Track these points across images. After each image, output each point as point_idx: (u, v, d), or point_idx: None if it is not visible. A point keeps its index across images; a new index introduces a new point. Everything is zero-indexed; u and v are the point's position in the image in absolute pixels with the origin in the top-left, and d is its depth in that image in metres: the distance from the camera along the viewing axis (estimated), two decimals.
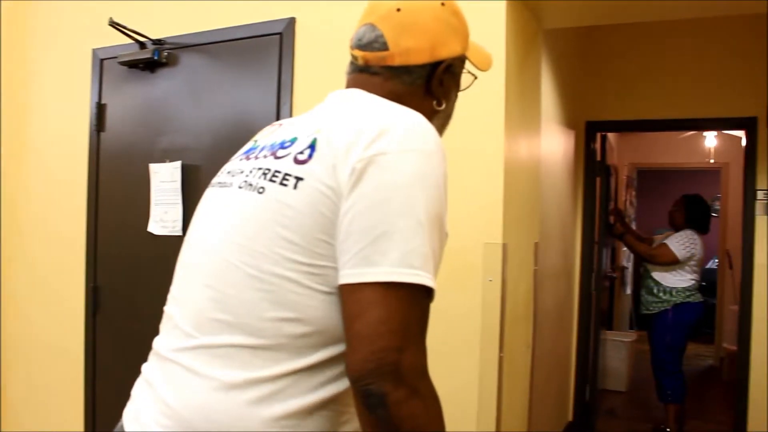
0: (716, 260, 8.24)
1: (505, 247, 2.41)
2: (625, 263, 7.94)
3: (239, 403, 1.01)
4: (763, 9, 3.35)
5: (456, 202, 2.39)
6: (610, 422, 5.28)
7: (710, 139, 7.68)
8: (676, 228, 5.00)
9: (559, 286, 4.28)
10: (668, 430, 4.78)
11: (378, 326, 0.94)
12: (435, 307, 1.04)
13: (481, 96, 2.39)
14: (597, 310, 5.05)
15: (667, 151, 8.07)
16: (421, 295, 0.98)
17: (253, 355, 1.03)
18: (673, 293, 4.84)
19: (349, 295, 0.98)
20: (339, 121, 1.09)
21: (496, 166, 2.42)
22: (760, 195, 4.48)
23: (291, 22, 2.80)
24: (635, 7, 2.85)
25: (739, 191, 4.97)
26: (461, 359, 2.45)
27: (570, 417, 4.91)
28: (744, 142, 4.69)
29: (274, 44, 2.83)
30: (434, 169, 1.02)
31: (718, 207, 8.12)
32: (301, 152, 1.07)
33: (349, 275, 0.98)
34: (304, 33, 2.79)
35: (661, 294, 4.87)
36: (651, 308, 4.94)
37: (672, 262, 4.83)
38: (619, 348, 6.02)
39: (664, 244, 4.91)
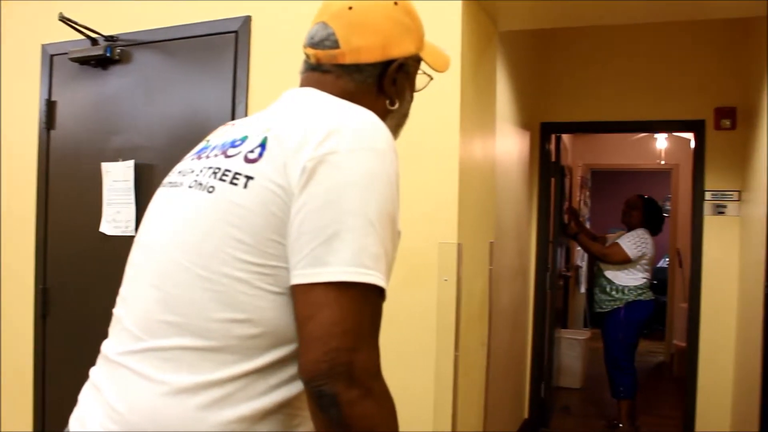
0: (667, 259, 8.42)
1: (460, 246, 2.43)
2: (579, 262, 8.06)
3: (189, 407, 0.99)
4: (712, 15, 3.44)
5: (411, 202, 2.41)
6: (565, 419, 5.35)
7: (661, 141, 7.85)
8: (630, 227, 5.09)
9: (514, 286, 4.33)
10: (620, 425, 4.87)
11: (331, 327, 0.93)
12: (390, 307, 1.04)
13: (437, 96, 2.40)
14: (552, 308, 5.13)
15: (619, 152, 8.23)
16: (374, 294, 0.98)
17: (202, 358, 1.01)
18: (625, 291, 4.93)
19: (301, 295, 0.97)
20: (290, 120, 1.08)
21: (451, 166, 2.44)
22: (708, 196, 4.60)
23: (247, 21, 2.78)
24: (589, 11, 2.90)
25: (688, 192, 5.11)
26: (417, 359, 2.45)
27: (526, 414, 4.96)
28: (693, 145, 4.81)
29: (229, 43, 2.81)
30: (386, 168, 1.02)
31: (668, 207, 8.30)
32: (252, 151, 1.06)
33: (301, 275, 0.97)
34: (260, 32, 2.77)
35: (613, 292, 4.95)
36: (604, 306, 5.02)
37: (624, 261, 4.92)
38: (574, 346, 6.11)
39: (617, 244, 4.99)
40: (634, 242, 4.95)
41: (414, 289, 2.45)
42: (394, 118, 1.28)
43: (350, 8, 1.21)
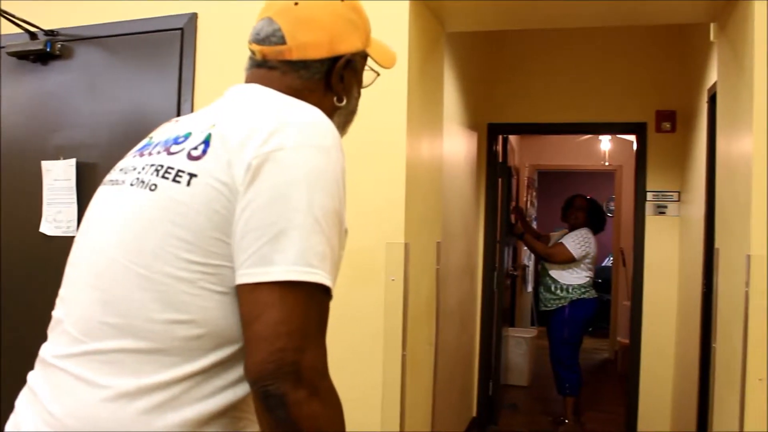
0: (611, 258, 8.60)
1: (407, 246, 2.44)
2: (526, 262, 8.17)
3: (130, 412, 0.97)
4: (654, 21, 3.53)
5: (358, 201, 2.41)
6: (512, 416, 5.42)
7: (605, 143, 8.02)
8: (573, 227, 5.16)
9: (462, 285, 4.36)
10: (566, 421, 4.96)
11: (277, 327, 0.92)
12: (338, 307, 1.04)
13: (384, 96, 2.41)
14: (499, 307, 5.18)
15: (565, 153, 8.39)
16: (320, 293, 0.97)
17: (143, 360, 0.99)
18: (570, 290, 5.00)
19: (246, 295, 0.96)
20: (234, 116, 1.07)
21: (398, 167, 2.44)
22: (649, 196, 4.72)
23: (192, 18, 2.75)
24: (535, 14, 2.94)
25: (631, 192, 5.21)
26: (364, 359, 2.46)
27: (474, 413, 5.01)
28: (635, 146, 4.93)
29: (175, 40, 2.77)
30: (332, 165, 1.01)
31: (612, 207, 8.49)
32: (195, 148, 1.05)
33: (247, 275, 0.96)
34: (206, 29, 2.74)
35: (558, 291, 5.03)
36: (549, 305, 5.09)
37: (568, 261, 4.99)
38: (521, 344, 6.20)
39: (561, 244, 5.07)
40: (577, 242, 5.02)
41: (361, 289, 2.45)
42: (342, 115, 1.27)
43: (296, 4, 1.20)
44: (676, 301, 4.63)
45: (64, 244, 1.36)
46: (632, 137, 5.28)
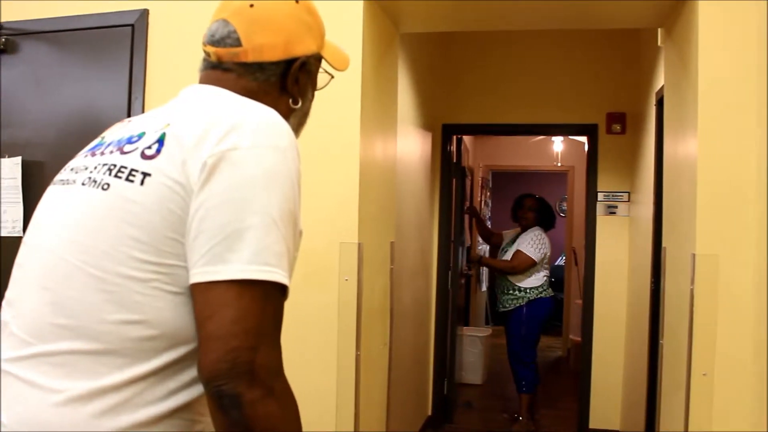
0: (563, 257, 8.74)
1: (360, 246, 2.44)
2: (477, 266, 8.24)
3: (83, 416, 0.95)
4: (606, 25, 3.60)
5: (312, 202, 2.40)
6: (467, 414, 5.47)
7: (557, 144, 8.14)
8: (525, 227, 5.19)
9: (416, 285, 4.38)
10: (520, 418, 5.01)
11: (231, 326, 0.92)
12: (291, 307, 1.03)
13: (337, 96, 2.40)
14: (454, 306, 5.22)
15: (519, 154, 8.49)
16: (276, 293, 0.97)
17: (95, 362, 0.97)
18: (527, 290, 5.03)
19: (200, 294, 0.95)
20: (189, 116, 1.06)
21: (351, 167, 2.45)
22: (600, 197, 4.81)
23: (144, 14, 2.70)
24: (489, 15, 2.97)
25: (583, 193, 5.30)
26: (319, 358, 2.45)
27: (429, 411, 5.04)
28: (586, 148, 5.01)
29: (125, 36, 2.72)
30: (288, 166, 1.01)
31: (565, 207, 8.62)
32: (149, 147, 1.04)
33: (201, 274, 0.95)
34: (158, 26, 2.70)
35: (516, 292, 5.05)
36: (507, 305, 5.11)
37: (532, 266, 5.02)
38: (475, 343, 6.25)
39: (520, 252, 5.04)
40: (534, 245, 5.04)
41: (315, 289, 2.44)
42: (296, 117, 1.27)
43: (251, 6, 1.19)
44: (626, 299, 4.73)
45: (10, 244, 1.33)
46: (584, 138, 5.37)
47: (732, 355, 2.20)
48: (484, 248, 8.28)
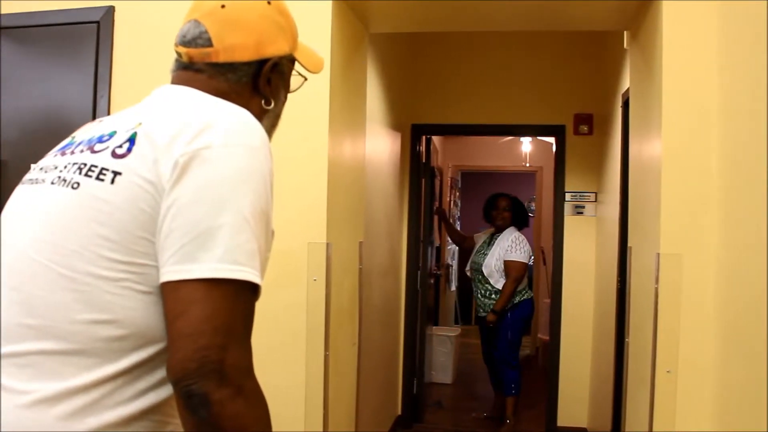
0: (532, 257, 8.79)
1: (329, 246, 2.44)
2: (449, 261, 8.28)
3: (49, 418, 0.94)
4: (573, 27, 3.64)
5: (280, 202, 2.37)
6: (437, 413, 5.49)
7: (526, 145, 8.21)
8: (501, 228, 5.12)
9: (385, 284, 4.39)
10: (508, 421, 4.96)
11: (201, 324, 0.91)
12: (260, 307, 1.03)
13: (306, 96, 2.38)
14: (423, 306, 5.23)
15: (488, 154, 8.54)
16: (247, 292, 0.97)
17: (64, 363, 0.96)
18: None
19: (171, 293, 0.95)
20: (161, 115, 1.06)
21: (320, 167, 2.44)
22: (568, 197, 4.87)
23: (109, 11, 2.67)
24: (458, 16, 2.98)
25: (551, 193, 5.35)
26: (287, 359, 2.44)
27: (399, 411, 5.05)
28: (554, 148, 5.06)
29: (90, 33, 2.69)
30: (260, 165, 1.01)
31: (534, 207, 8.69)
32: (120, 146, 1.03)
33: (171, 272, 0.95)
34: (124, 23, 2.67)
35: (497, 297, 4.96)
36: (488, 311, 5.00)
37: (526, 270, 4.98)
38: (445, 342, 6.28)
39: (510, 263, 4.94)
40: (521, 248, 4.98)
41: (283, 290, 2.44)
42: (269, 119, 1.27)
43: (223, 6, 1.19)
44: (593, 298, 4.79)
45: None
46: (552, 139, 5.42)
47: (695, 353, 2.24)
48: (453, 248, 8.32)
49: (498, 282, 4.97)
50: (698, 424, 2.21)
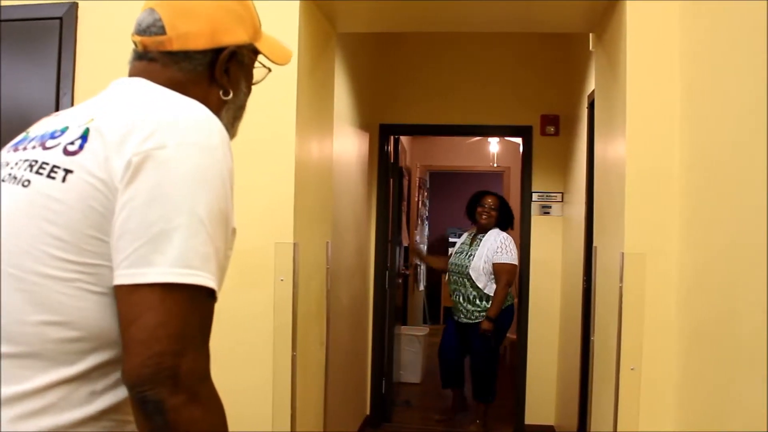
0: None
1: (296, 246, 2.43)
2: (417, 261, 8.30)
3: (4, 421, 0.92)
4: (540, 29, 3.67)
5: (247, 201, 2.36)
6: (406, 413, 5.49)
7: (494, 145, 8.26)
8: (485, 227, 4.90)
9: (353, 284, 4.38)
10: (483, 427, 4.94)
11: (155, 330, 0.90)
12: (226, 308, 1.02)
13: (273, 95, 2.39)
14: (391, 305, 5.24)
15: (456, 154, 8.58)
16: (202, 296, 0.95)
17: (16, 365, 0.94)
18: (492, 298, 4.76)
19: (124, 296, 0.93)
20: (115, 111, 1.03)
21: (287, 166, 2.43)
22: (535, 197, 4.91)
23: (72, 7, 2.63)
24: (426, 16, 3.00)
25: (518, 193, 5.38)
26: (254, 359, 2.43)
27: (367, 410, 5.05)
28: (521, 149, 5.10)
29: (53, 29, 2.64)
30: (217, 164, 0.99)
31: None
32: (72, 143, 1.00)
33: (125, 275, 0.92)
34: (87, 19, 2.63)
35: (483, 302, 4.75)
36: (473, 318, 4.79)
37: (516, 274, 4.82)
38: (413, 342, 6.29)
39: (504, 264, 4.74)
40: (511, 250, 4.78)
41: (250, 290, 2.42)
42: (230, 111, 1.24)
43: None
44: (559, 297, 4.84)
45: None
46: (519, 140, 5.46)
47: (658, 350, 2.27)
48: (422, 248, 8.33)
49: (487, 286, 4.74)
50: (662, 423, 2.25)
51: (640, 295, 2.30)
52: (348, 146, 4.05)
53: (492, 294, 4.71)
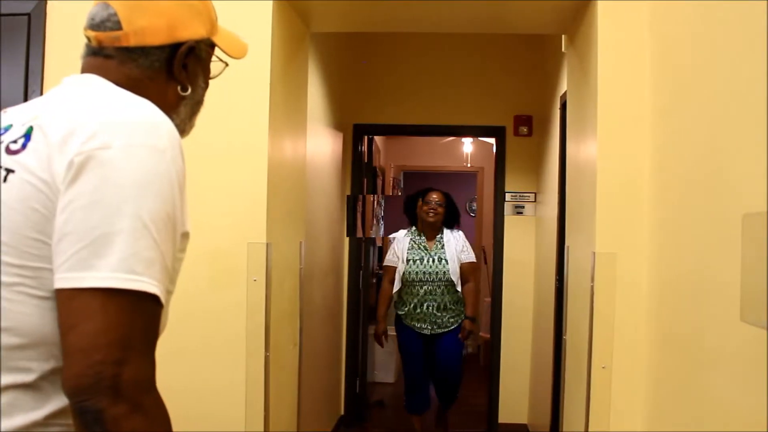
0: None
1: (269, 246, 2.41)
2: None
3: None
4: (514, 30, 3.69)
5: (219, 201, 2.37)
6: (380, 412, 5.50)
7: (467, 145, 8.29)
8: (432, 225, 4.49)
9: (327, 284, 4.37)
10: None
11: (95, 338, 0.87)
12: (199, 308, 1.01)
13: (246, 95, 2.38)
14: (365, 305, 5.24)
15: (429, 154, 8.60)
16: (146, 302, 0.92)
17: None
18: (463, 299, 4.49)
19: (64, 302, 0.90)
20: (59, 109, 1.00)
21: (259, 166, 2.41)
22: (508, 197, 4.94)
23: (41, 3, 2.59)
24: (400, 17, 3.00)
25: (492, 193, 5.41)
26: (227, 360, 2.41)
27: (342, 410, 5.05)
28: (495, 149, 5.13)
29: (21, 26, 2.60)
30: (165, 167, 0.96)
31: (475, 207, 8.79)
32: (14, 141, 0.98)
33: (64, 279, 0.89)
34: (56, 16, 2.59)
35: (458, 305, 4.45)
36: (448, 325, 4.44)
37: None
38: (387, 341, 6.27)
39: (472, 263, 4.49)
40: (466, 246, 4.53)
41: (223, 290, 2.40)
42: (188, 106, 1.21)
43: None
44: (532, 297, 4.87)
45: None
46: (492, 140, 5.49)
47: (628, 349, 2.30)
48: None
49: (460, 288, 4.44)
50: (632, 422, 2.27)
51: (611, 294, 2.32)
52: (322, 146, 4.04)
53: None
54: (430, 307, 4.44)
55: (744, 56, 1.53)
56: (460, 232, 4.60)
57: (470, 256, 4.50)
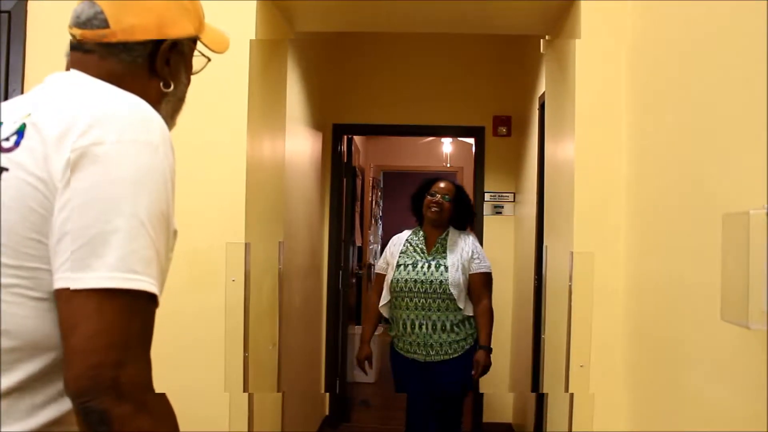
0: None
1: (248, 246, 2.40)
2: (372, 261, 8.29)
3: None
4: (494, 31, 3.70)
5: (198, 201, 2.35)
6: (364, 412, 5.51)
7: (447, 145, 8.32)
8: (434, 221, 3.55)
9: (307, 284, 4.36)
10: None
11: (94, 339, 0.86)
12: (177, 309, 1.00)
13: (225, 94, 2.37)
14: (345, 305, 5.23)
15: (409, 154, 8.62)
16: (143, 302, 0.91)
17: None
18: (473, 321, 3.53)
19: (64, 302, 0.89)
20: (53, 106, 0.99)
21: (238, 166, 2.40)
22: (487, 197, 4.96)
23: (21, 2, 2.55)
24: (382, 17, 3.01)
25: (471, 193, 5.41)
26: (207, 360, 2.40)
27: (326, 411, 5.05)
28: (474, 149, 5.14)
29: (1, 24, 2.57)
30: (159, 163, 0.96)
31: None
32: (7, 139, 0.96)
33: (63, 279, 0.89)
34: (37, 13, 2.55)
35: (466, 328, 3.50)
36: (450, 352, 3.46)
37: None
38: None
39: (486, 274, 3.53)
40: (480, 252, 3.60)
41: (201, 291, 2.39)
42: (170, 103, 1.20)
43: None
44: (512, 296, 4.89)
45: None
46: (471, 140, 5.51)
47: (606, 348, 2.31)
48: (375, 248, 8.34)
49: (467, 307, 3.47)
50: (615, 421, 2.28)
51: (588, 293, 2.33)
52: (301, 146, 4.03)
53: (470, 313, 3.48)
54: (424, 327, 3.44)
55: (722, 58, 1.55)
56: (472, 236, 3.67)
57: (482, 266, 3.51)
